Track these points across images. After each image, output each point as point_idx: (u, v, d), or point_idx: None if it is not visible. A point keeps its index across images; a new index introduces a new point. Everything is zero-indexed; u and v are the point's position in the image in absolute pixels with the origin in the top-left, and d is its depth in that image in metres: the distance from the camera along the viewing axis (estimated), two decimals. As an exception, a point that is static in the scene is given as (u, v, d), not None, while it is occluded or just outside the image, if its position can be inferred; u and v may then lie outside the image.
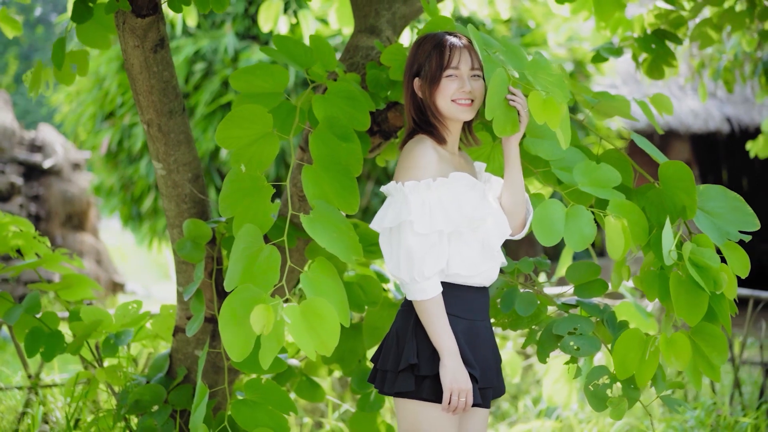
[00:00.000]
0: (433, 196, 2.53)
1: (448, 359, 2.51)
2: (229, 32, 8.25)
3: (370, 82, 3.18)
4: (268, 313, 2.38)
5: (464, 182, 2.57)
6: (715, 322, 2.76)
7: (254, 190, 2.78)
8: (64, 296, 3.79)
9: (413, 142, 2.63)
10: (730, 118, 10.79)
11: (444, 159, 2.61)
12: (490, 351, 2.67)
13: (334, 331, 2.45)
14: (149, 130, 3.26)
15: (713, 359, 2.78)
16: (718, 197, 2.84)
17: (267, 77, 2.94)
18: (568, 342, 2.97)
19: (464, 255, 2.57)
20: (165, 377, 3.59)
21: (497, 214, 2.63)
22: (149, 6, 3.03)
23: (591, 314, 3.09)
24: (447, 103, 2.61)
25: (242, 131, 2.80)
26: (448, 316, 2.56)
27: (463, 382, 2.50)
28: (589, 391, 2.91)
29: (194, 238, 3.29)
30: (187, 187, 3.34)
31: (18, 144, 11.15)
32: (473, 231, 2.57)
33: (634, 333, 2.81)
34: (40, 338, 3.57)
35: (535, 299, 3.12)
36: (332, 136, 2.82)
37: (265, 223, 2.76)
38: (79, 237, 11.29)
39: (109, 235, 18.68)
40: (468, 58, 2.63)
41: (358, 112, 2.93)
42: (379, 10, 3.49)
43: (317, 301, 2.47)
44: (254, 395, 3.14)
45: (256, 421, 3.09)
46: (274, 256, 2.56)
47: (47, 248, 3.81)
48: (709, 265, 2.63)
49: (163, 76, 3.18)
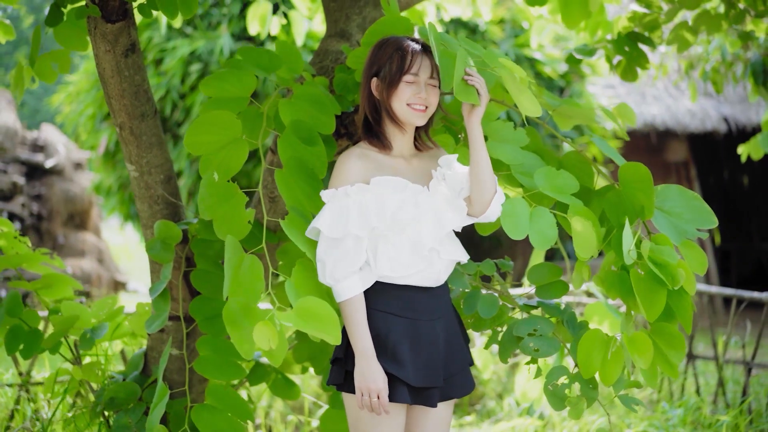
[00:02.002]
0: (351, 202, 2.62)
1: (359, 359, 2.60)
2: (225, 33, 8.32)
3: (337, 85, 3.24)
4: (269, 328, 2.49)
5: (388, 186, 2.64)
6: (672, 321, 2.82)
7: (228, 197, 2.85)
8: (45, 295, 3.85)
9: (342, 154, 2.73)
10: (727, 117, 10.78)
11: (378, 164, 2.69)
12: (438, 351, 2.70)
13: (334, 322, 2.54)
14: (121, 132, 3.32)
15: (671, 357, 2.85)
16: (676, 197, 2.89)
17: (236, 82, 3.00)
18: (528, 343, 3.03)
19: (391, 256, 2.64)
20: (140, 375, 3.65)
21: (431, 213, 2.68)
22: (119, 12, 3.10)
23: (551, 315, 3.14)
24: (402, 107, 2.68)
25: (211, 137, 2.86)
26: (388, 315, 2.65)
27: (372, 381, 2.57)
28: (548, 391, 2.97)
29: (164, 239, 3.35)
30: (159, 188, 3.41)
31: (20, 144, 11.25)
32: (400, 232, 2.64)
33: (595, 333, 2.87)
34: (19, 336, 3.65)
35: (497, 301, 3.17)
36: (298, 141, 2.88)
37: (242, 230, 2.83)
38: (81, 236, 11.38)
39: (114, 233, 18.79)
40: (428, 66, 2.71)
41: (323, 115, 2.99)
42: (350, 14, 3.55)
43: (308, 300, 2.55)
44: (215, 401, 3.24)
45: (215, 427, 3.20)
46: (256, 264, 2.64)
47: (28, 248, 3.88)
48: (667, 262, 2.69)
49: (134, 80, 3.24)
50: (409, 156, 2.78)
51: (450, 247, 2.74)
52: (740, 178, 13.14)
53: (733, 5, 4.43)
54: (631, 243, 2.70)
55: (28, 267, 3.86)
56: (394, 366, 2.62)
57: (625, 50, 4.12)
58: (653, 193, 2.80)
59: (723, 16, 4.44)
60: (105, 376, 3.76)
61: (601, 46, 4.23)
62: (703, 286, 5.80)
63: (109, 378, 3.74)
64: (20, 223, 10.50)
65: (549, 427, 5.30)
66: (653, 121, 10.46)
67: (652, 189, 2.79)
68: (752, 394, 5.35)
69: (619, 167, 2.89)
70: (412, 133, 2.78)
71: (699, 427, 5.07)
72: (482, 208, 2.70)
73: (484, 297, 3.16)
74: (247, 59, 3.08)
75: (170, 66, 8.35)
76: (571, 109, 3.08)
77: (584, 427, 5.18)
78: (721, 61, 6.25)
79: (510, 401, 5.78)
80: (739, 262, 12.71)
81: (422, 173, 2.76)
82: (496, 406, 5.90)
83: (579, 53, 4.10)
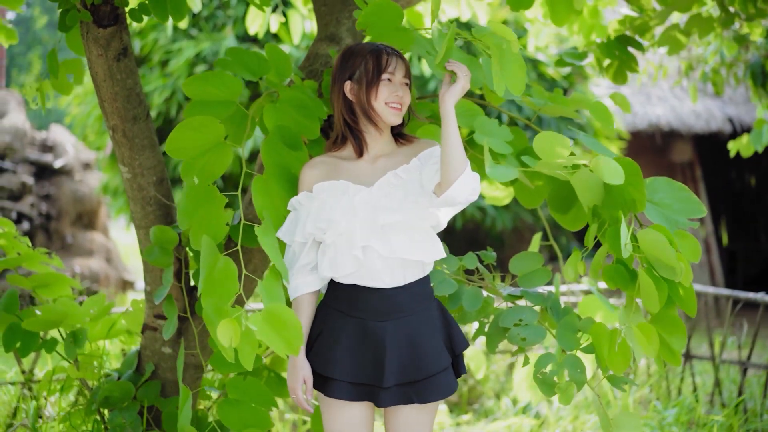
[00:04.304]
0: (301, 210, 2.79)
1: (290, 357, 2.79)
2: (229, 35, 8.41)
3: (325, 88, 3.29)
4: (233, 326, 2.51)
5: (330, 191, 2.75)
6: (671, 307, 2.87)
7: (207, 200, 2.89)
8: (43, 294, 3.91)
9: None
10: (732, 118, 10.79)
11: (335, 170, 2.80)
12: (383, 352, 2.73)
13: (297, 333, 2.56)
14: (114, 135, 3.38)
15: (673, 344, 2.90)
16: (665, 189, 2.92)
17: (220, 85, 3.02)
18: (515, 333, 3.09)
19: (330, 257, 2.75)
20: (134, 373, 3.71)
21: (365, 212, 2.72)
22: (110, 17, 3.16)
23: (535, 303, 3.20)
24: (381, 106, 2.76)
25: (193, 142, 2.89)
26: (336, 312, 2.79)
27: (292, 379, 2.78)
28: (537, 379, 3.03)
29: (161, 244, 3.40)
30: (151, 190, 3.47)
31: (29, 144, 11.35)
32: (338, 234, 2.72)
33: (600, 327, 2.92)
34: (17, 334, 3.71)
35: (480, 294, 3.22)
36: (282, 146, 2.93)
37: (219, 232, 2.88)
38: (89, 236, 11.47)
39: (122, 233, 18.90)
40: (402, 66, 2.80)
41: (307, 120, 3.04)
42: (340, 18, 3.60)
43: (277, 307, 2.57)
44: (237, 394, 3.28)
45: (242, 421, 3.25)
46: (230, 266, 2.65)
47: (28, 247, 3.94)
48: (665, 256, 2.73)
49: (127, 83, 3.30)
50: (379, 156, 2.83)
51: (397, 246, 2.74)
52: (747, 178, 13.13)
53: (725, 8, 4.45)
54: (627, 236, 2.74)
55: (29, 267, 3.92)
56: (322, 363, 2.76)
57: (615, 54, 4.16)
58: (644, 187, 2.84)
59: (715, 18, 4.47)
60: (101, 374, 3.82)
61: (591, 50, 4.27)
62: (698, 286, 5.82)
63: (105, 376, 3.80)
64: (29, 223, 10.58)
65: (545, 426, 5.34)
66: (658, 121, 10.48)
67: (642, 183, 2.82)
68: (747, 393, 5.38)
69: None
70: (387, 131, 2.84)
71: (693, 426, 5.11)
72: (445, 186, 2.64)
73: (468, 291, 3.21)
74: (235, 60, 3.13)
75: (176, 67, 8.43)
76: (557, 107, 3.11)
77: (579, 426, 5.22)
78: (720, 63, 6.27)
79: (507, 401, 5.83)
80: (745, 262, 12.70)
81: (383, 173, 2.79)
82: (494, 405, 5.94)
83: (568, 57, 4.13)
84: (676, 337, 2.87)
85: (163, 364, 3.67)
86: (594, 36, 4.60)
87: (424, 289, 2.82)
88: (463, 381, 6.04)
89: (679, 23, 4.46)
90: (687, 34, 4.41)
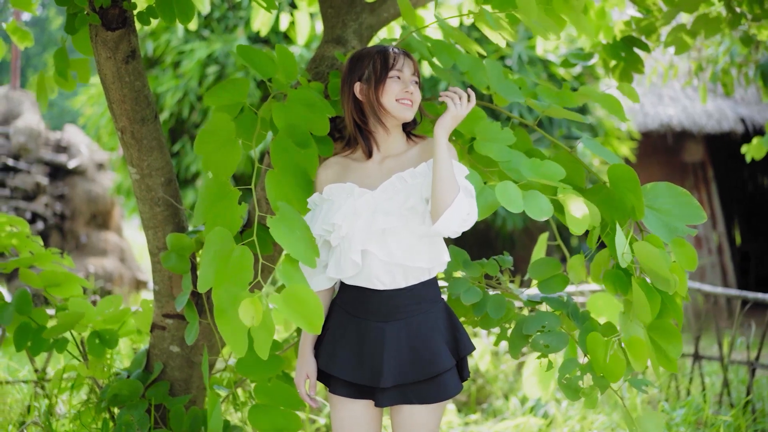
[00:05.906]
0: (315, 210, 2.85)
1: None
2: (241, 36, 8.45)
3: (332, 90, 3.33)
4: (255, 305, 2.52)
5: (337, 193, 2.80)
6: (666, 316, 2.90)
7: (222, 195, 2.93)
8: (54, 293, 3.95)
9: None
10: (744, 118, 10.75)
11: (346, 171, 2.85)
12: (381, 353, 2.76)
13: (318, 311, 2.56)
14: (123, 136, 3.42)
15: (669, 352, 2.91)
16: (665, 194, 2.93)
17: (231, 89, 3.11)
18: (538, 340, 3.11)
19: (335, 258, 2.82)
20: (143, 372, 3.75)
21: (366, 215, 2.75)
22: (119, 20, 3.19)
23: (555, 309, 3.22)
24: (392, 102, 2.78)
25: (211, 139, 2.98)
26: (343, 311, 2.85)
27: (297, 374, 2.90)
28: (562, 384, 3.05)
29: (178, 251, 3.45)
30: (159, 191, 3.51)
31: (44, 144, 11.44)
32: (342, 237, 2.77)
33: (595, 336, 2.95)
34: (27, 333, 3.75)
35: (504, 301, 3.25)
36: (292, 144, 2.97)
37: (234, 225, 2.90)
38: (103, 235, 11.55)
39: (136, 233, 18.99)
40: (410, 65, 2.83)
41: (316, 116, 3.07)
42: (347, 21, 3.63)
43: (296, 287, 2.58)
44: (266, 399, 3.34)
45: (274, 425, 3.31)
46: (246, 255, 2.66)
47: (40, 247, 3.99)
48: (660, 269, 2.75)
49: (135, 85, 3.34)
50: (388, 156, 2.85)
51: (396, 251, 2.76)
52: (760, 179, 13.08)
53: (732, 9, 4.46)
54: (625, 245, 2.76)
55: (41, 266, 3.96)
56: (326, 359, 2.83)
57: (621, 55, 4.16)
58: (641, 194, 2.84)
59: (722, 19, 4.47)
60: (110, 372, 3.87)
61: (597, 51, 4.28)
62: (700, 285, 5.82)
63: (114, 375, 3.84)
64: (43, 223, 10.67)
65: (553, 426, 5.36)
66: (670, 121, 10.45)
67: (639, 190, 2.83)
68: (755, 394, 5.38)
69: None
70: (397, 131, 2.86)
71: (701, 426, 5.11)
72: (435, 217, 2.66)
73: (492, 298, 3.24)
74: (245, 58, 3.17)
75: (188, 68, 8.48)
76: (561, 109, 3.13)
77: (587, 425, 5.23)
78: (730, 63, 6.26)
79: (515, 400, 5.85)
80: (758, 263, 12.66)
81: (389, 175, 2.81)
82: (503, 404, 5.96)
83: (574, 58, 4.15)
84: (672, 344, 2.89)
85: (171, 362, 3.71)
86: (601, 37, 4.61)
87: (427, 292, 2.83)
88: (471, 381, 6.06)
89: (685, 24, 4.46)
90: (693, 34, 4.42)
